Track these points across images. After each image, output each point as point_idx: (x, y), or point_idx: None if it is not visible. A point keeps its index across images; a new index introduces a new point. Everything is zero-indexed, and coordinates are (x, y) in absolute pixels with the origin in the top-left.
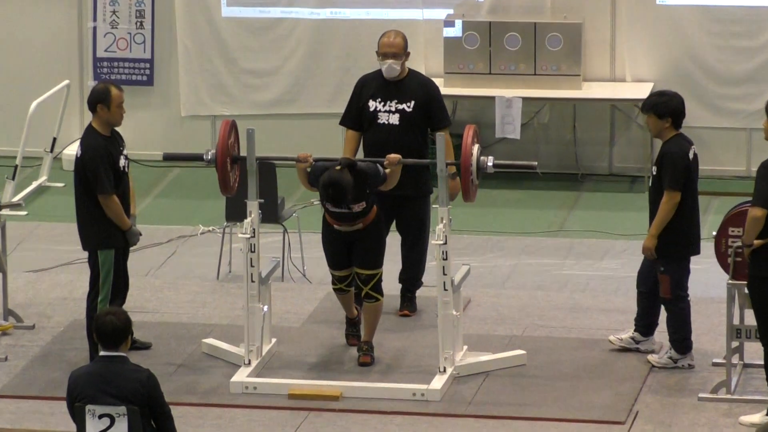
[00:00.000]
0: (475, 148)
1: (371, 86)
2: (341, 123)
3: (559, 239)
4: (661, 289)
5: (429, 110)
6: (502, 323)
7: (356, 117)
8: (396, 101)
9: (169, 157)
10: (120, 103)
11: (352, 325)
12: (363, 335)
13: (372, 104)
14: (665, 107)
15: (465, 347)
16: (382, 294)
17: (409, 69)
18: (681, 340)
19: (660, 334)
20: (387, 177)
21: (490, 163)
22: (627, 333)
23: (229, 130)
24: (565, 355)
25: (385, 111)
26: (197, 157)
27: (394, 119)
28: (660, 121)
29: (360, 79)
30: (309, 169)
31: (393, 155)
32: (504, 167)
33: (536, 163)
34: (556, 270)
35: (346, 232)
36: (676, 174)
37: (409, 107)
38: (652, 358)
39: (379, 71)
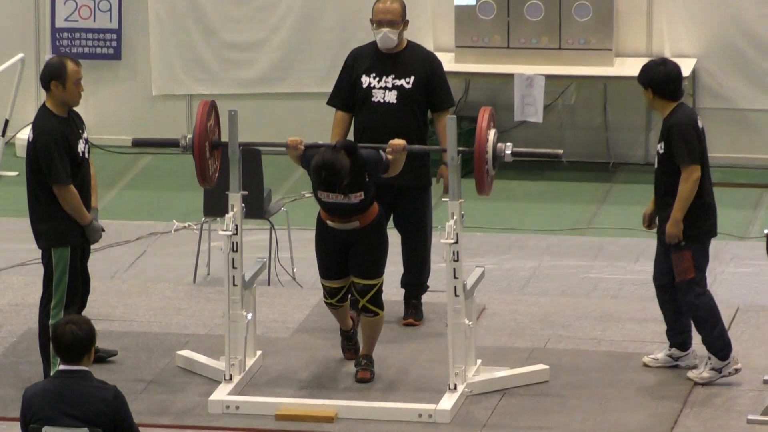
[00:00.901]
0: (491, 133)
1: (364, 59)
2: (329, 102)
3: (586, 238)
4: (680, 269)
5: (430, 88)
6: (521, 334)
7: (347, 95)
8: (393, 76)
9: (138, 143)
10: (77, 80)
11: (347, 337)
12: (362, 348)
13: (365, 80)
14: (644, 76)
15: (479, 361)
16: (382, 307)
17: (408, 41)
18: (717, 339)
19: (699, 346)
20: (390, 164)
21: (508, 151)
22: (662, 351)
23: (208, 111)
24: (593, 371)
25: (381, 87)
26: (171, 143)
27: (391, 96)
28: (645, 91)
29: (351, 51)
30: (302, 156)
31: (397, 140)
32: (524, 156)
33: (561, 151)
34: (583, 273)
35: (342, 231)
36: (691, 146)
37: (408, 83)
38: (692, 374)
39: (374, 43)
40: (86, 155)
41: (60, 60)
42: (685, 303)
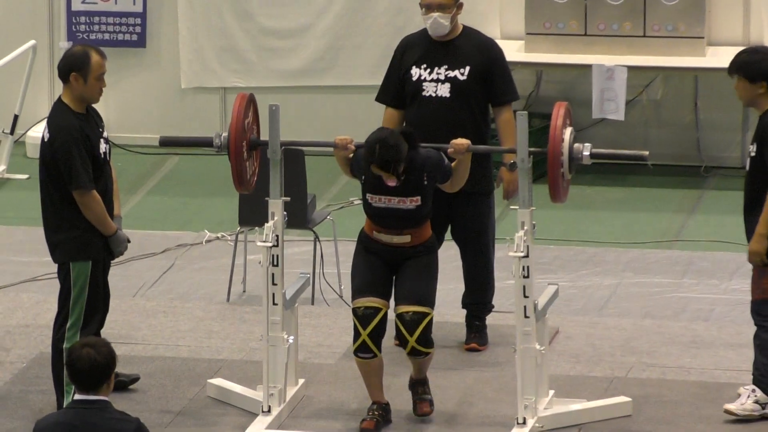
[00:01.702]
0: (567, 131)
1: (415, 49)
2: (378, 99)
3: (674, 252)
4: (759, 287)
5: (489, 79)
6: (599, 361)
7: (397, 90)
8: (446, 67)
9: (167, 142)
10: (101, 75)
11: (380, 406)
12: (413, 372)
13: (415, 72)
14: (758, 68)
15: (551, 392)
16: (433, 345)
17: (464, 26)
18: None
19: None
20: (452, 172)
21: (586, 152)
22: (749, 396)
23: (245, 106)
24: (681, 404)
25: (432, 80)
26: (204, 142)
27: (444, 90)
28: (752, 85)
29: (402, 41)
30: (351, 157)
31: (460, 140)
32: (604, 158)
33: (647, 152)
34: (670, 292)
35: (389, 247)
36: None
37: (462, 74)
38: (733, 406)
39: (425, 30)
40: (107, 156)
41: (84, 50)
42: (755, 323)
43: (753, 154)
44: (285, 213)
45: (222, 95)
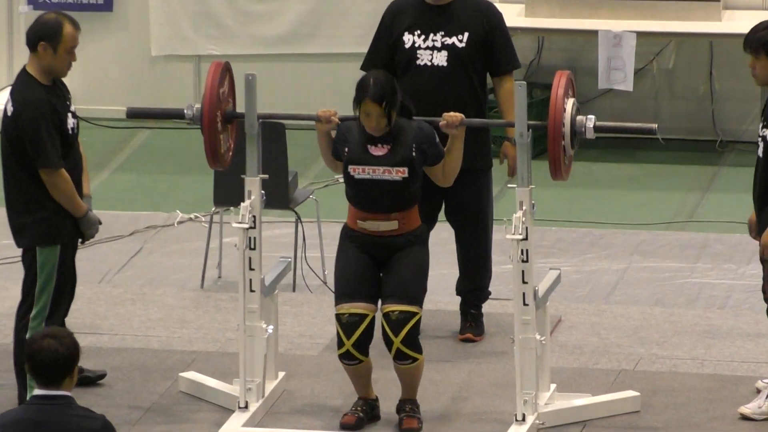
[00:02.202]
0: (570, 102)
1: (407, 14)
2: (364, 68)
3: (687, 234)
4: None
5: (489, 46)
6: (605, 352)
7: (386, 59)
8: (442, 33)
9: (134, 114)
10: (72, 48)
11: (366, 402)
12: (402, 391)
13: (408, 38)
14: (759, 40)
15: (553, 386)
16: (421, 350)
17: None
18: None
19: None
20: (444, 154)
21: (590, 125)
22: (766, 397)
23: (220, 75)
24: (694, 400)
25: (428, 48)
26: (175, 114)
27: (440, 59)
28: (756, 59)
29: (391, 4)
30: (334, 133)
31: (452, 113)
32: (610, 131)
33: (655, 125)
34: (682, 277)
35: (375, 236)
36: None
37: (461, 42)
38: (748, 409)
39: None
40: (76, 132)
41: (57, 19)
42: None
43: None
44: (263, 192)
45: (196, 63)
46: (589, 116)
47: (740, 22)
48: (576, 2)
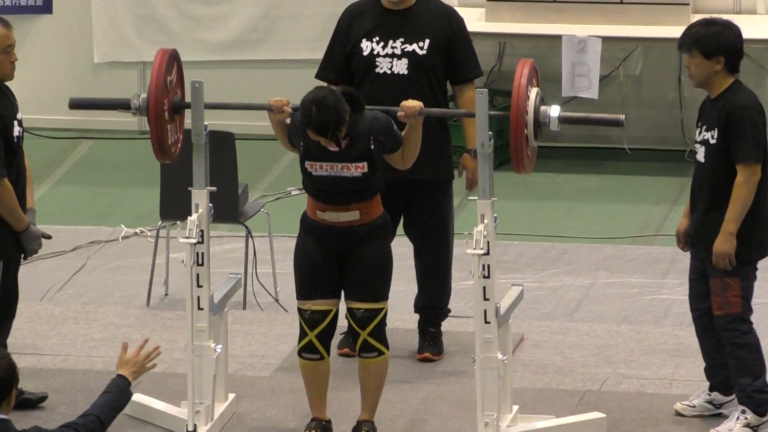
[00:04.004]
0: (533, 92)
1: (364, 19)
2: (318, 76)
3: (655, 248)
4: (722, 301)
5: (451, 53)
6: (570, 372)
7: (342, 66)
8: (402, 40)
9: (77, 105)
10: (7, 48)
11: (319, 424)
12: (362, 410)
13: (366, 45)
14: (715, 41)
15: (515, 408)
16: (387, 345)
17: None
18: (758, 391)
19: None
20: (402, 140)
21: (554, 114)
22: (700, 396)
23: (167, 63)
24: (664, 420)
25: (387, 55)
26: (120, 105)
27: (401, 66)
28: (708, 62)
29: (347, 9)
30: (289, 123)
31: (410, 102)
32: (575, 121)
33: (622, 116)
34: (650, 293)
35: (335, 228)
36: (757, 139)
37: (422, 48)
38: (722, 429)
39: None
40: (21, 141)
41: None
42: (725, 342)
43: (713, 141)
44: (211, 205)
45: (141, 71)
46: (554, 106)
47: None
48: (539, 6)
